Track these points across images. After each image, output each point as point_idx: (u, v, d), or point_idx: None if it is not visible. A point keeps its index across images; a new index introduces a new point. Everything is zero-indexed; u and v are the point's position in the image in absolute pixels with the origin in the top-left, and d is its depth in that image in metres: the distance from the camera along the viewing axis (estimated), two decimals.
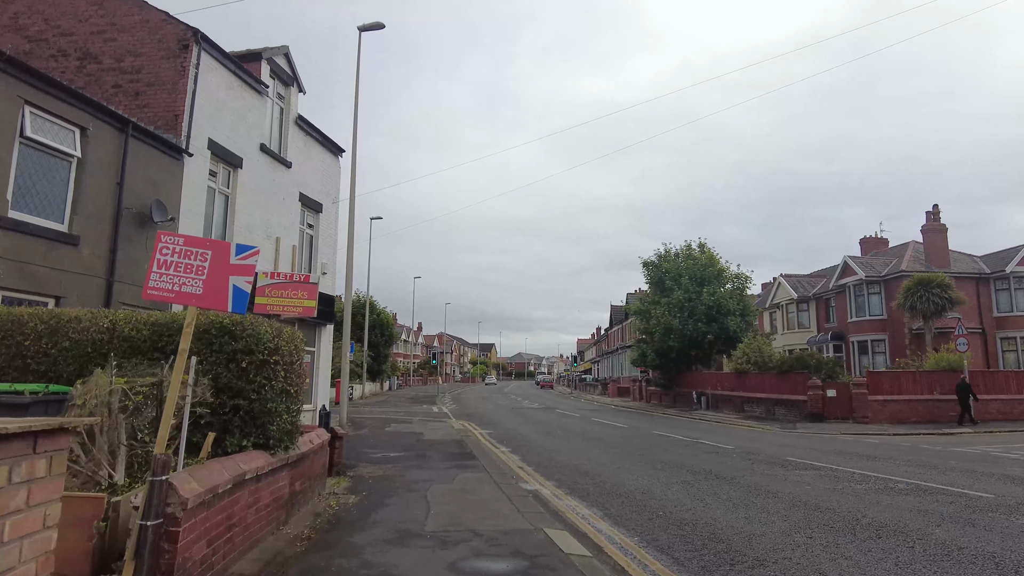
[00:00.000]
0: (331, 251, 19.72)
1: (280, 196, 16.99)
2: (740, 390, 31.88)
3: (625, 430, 21.14)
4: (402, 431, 19.85)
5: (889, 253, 39.60)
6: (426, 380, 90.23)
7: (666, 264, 39.54)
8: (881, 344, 35.40)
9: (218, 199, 14.80)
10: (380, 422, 23.17)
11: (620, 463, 12.79)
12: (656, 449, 15.27)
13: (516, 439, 17.94)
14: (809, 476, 10.91)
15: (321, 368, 18.80)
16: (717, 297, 36.37)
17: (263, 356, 6.35)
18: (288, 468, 7.03)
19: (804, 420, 25.73)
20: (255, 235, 15.85)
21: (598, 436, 18.87)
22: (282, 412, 6.62)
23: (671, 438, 18.21)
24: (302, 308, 15.69)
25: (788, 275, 45.03)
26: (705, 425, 24.64)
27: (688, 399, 36.98)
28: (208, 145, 14.09)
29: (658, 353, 37.98)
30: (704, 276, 38.04)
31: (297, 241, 17.83)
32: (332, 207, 19.88)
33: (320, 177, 19.24)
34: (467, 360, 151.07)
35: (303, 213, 18.50)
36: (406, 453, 14.17)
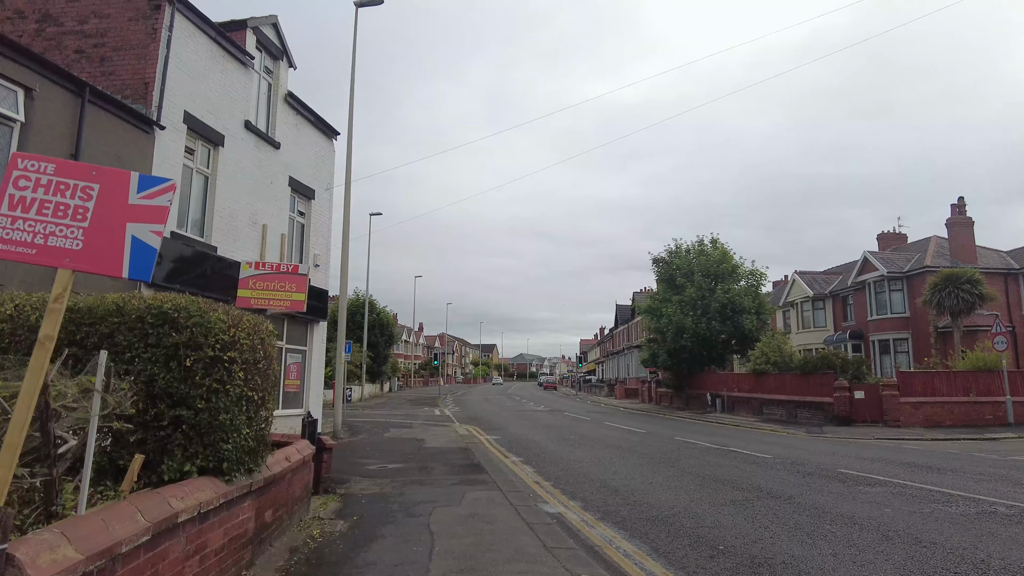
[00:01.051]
0: (324, 242, 18.15)
1: (267, 180, 15.44)
2: (758, 392, 30.29)
3: (643, 435, 19.56)
4: (402, 437, 18.28)
5: (910, 248, 37.98)
6: (427, 381, 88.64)
7: (677, 260, 37.95)
8: (904, 343, 33.78)
9: (196, 179, 13.24)
10: (379, 426, 21.62)
11: (651, 476, 11.21)
12: (686, 459, 13.69)
13: (527, 446, 16.36)
14: (880, 494, 9.32)
15: (313, 369, 17.23)
16: (732, 294, 34.77)
17: (214, 352, 4.79)
18: (253, 496, 5.46)
19: (830, 423, 24.15)
20: (239, 221, 14.30)
21: (616, 442, 17.29)
22: (241, 425, 5.06)
23: (698, 445, 16.61)
24: (290, 302, 14.11)
25: (803, 272, 43.40)
26: (726, 430, 23.05)
27: (701, 401, 35.39)
28: (184, 119, 12.54)
29: (670, 353, 36.36)
30: (718, 273, 36.44)
31: (287, 230, 16.27)
32: (326, 194, 18.31)
33: (312, 161, 17.68)
34: (469, 361, 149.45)
35: (293, 199, 16.94)
36: (406, 464, 12.59)
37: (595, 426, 23.36)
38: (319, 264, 17.62)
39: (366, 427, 21.22)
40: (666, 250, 39.13)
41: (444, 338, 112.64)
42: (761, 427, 24.10)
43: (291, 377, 16.39)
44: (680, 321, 34.87)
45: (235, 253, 14.00)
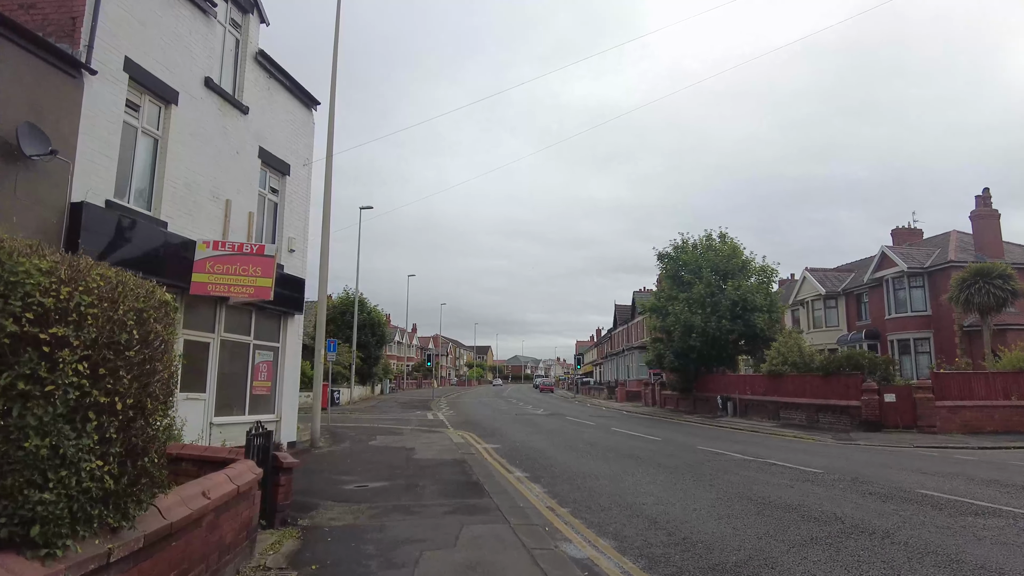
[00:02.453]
0: (301, 224, 16.02)
1: (232, 148, 13.31)
2: (774, 394, 28.28)
3: (660, 443, 17.49)
4: (390, 446, 16.16)
5: (928, 244, 36.09)
6: (421, 383, 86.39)
7: (684, 256, 35.93)
8: (925, 343, 31.87)
9: (143, 142, 11.10)
10: (365, 433, 19.48)
11: (691, 499, 9.14)
12: (723, 474, 11.63)
13: (531, 457, 14.27)
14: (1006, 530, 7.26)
15: (287, 369, 15.09)
16: (743, 291, 32.77)
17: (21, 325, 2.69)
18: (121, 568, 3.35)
19: (857, 429, 22.16)
20: (197, 195, 12.17)
21: (632, 452, 15.21)
22: (81, 456, 2.95)
23: (727, 456, 14.55)
24: (254, 288, 11.97)
25: (813, 269, 41.48)
26: (746, 436, 21.01)
27: (710, 404, 33.36)
28: (125, 66, 10.41)
29: (677, 354, 34.31)
30: (727, 269, 34.44)
31: (256, 208, 14.14)
32: (303, 170, 16.18)
33: (287, 131, 15.56)
34: (463, 363, 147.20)
35: (265, 174, 14.81)
36: (391, 482, 10.48)
37: (603, 432, 21.27)
38: (294, 249, 15.49)
39: (350, 434, 19.09)
40: (672, 245, 37.11)
41: (438, 339, 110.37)
42: (782, 433, 22.07)
43: (260, 378, 14.26)
44: (688, 320, 32.84)
45: (191, 231, 11.87)
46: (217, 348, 12.78)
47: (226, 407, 13.14)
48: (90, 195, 9.50)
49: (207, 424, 12.41)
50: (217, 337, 12.80)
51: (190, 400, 11.97)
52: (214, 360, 12.69)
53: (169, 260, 11.18)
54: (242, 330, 13.74)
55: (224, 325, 13.01)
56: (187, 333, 11.93)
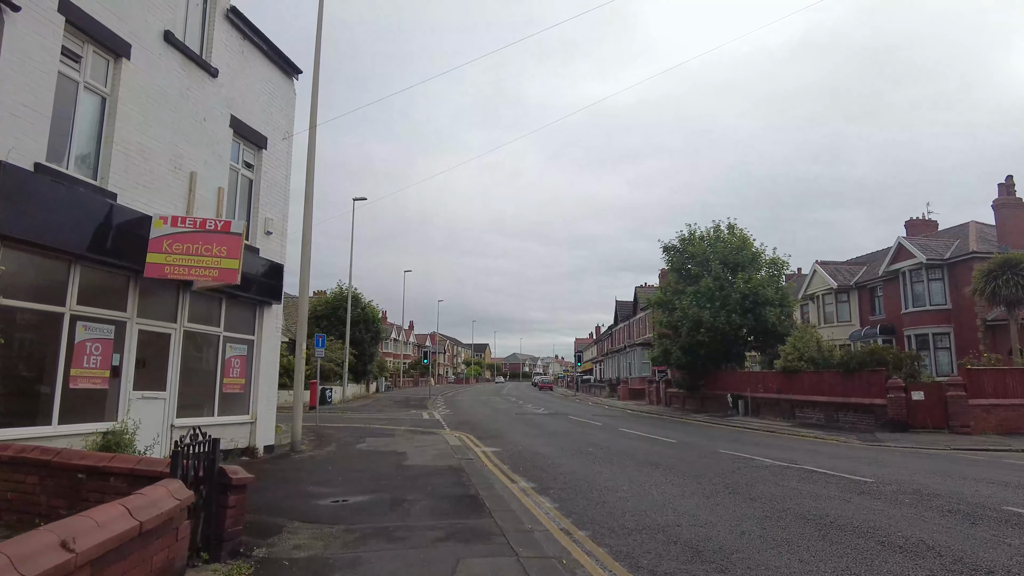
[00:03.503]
0: (280, 204, 14.44)
1: (198, 114, 11.73)
2: (789, 392, 26.76)
3: (678, 447, 15.96)
4: (379, 450, 14.61)
5: (945, 235, 34.55)
6: (417, 381, 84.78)
7: (691, 248, 34.40)
8: (944, 338, 30.39)
9: (87, 99, 9.54)
10: (354, 434, 17.93)
11: (734, 519, 7.61)
12: (760, 484, 10.11)
13: (536, 464, 12.75)
14: None
15: (264, 365, 13.53)
16: (753, 284, 31.25)
17: None
18: None
19: (882, 429, 20.66)
20: (154, 164, 10.59)
21: (649, 457, 13.68)
22: None
23: (757, 462, 13.02)
24: (218, 271, 10.32)
25: (824, 262, 39.98)
26: (764, 437, 19.50)
27: (719, 403, 31.86)
28: (60, 7, 8.83)
29: (684, 350, 32.76)
30: (737, 261, 32.94)
31: (227, 183, 12.57)
32: (282, 145, 14.60)
33: (264, 100, 13.98)
34: (460, 360, 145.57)
35: (238, 147, 13.24)
36: (375, 495, 8.94)
37: (611, 434, 19.74)
38: (272, 231, 13.92)
39: (338, 435, 17.53)
40: (678, 237, 35.59)
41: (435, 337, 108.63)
42: (801, 433, 20.56)
43: (232, 374, 12.70)
44: (696, 314, 31.33)
45: (147, 205, 10.30)
46: (180, 340, 11.22)
47: (191, 407, 11.58)
48: (12, 155, 7.93)
49: (167, 427, 10.85)
50: (180, 328, 11.24)
51: (146, 399, 10.42)
52: (176, 354, 11.13)
53: (119, 238, 9.61)
54: (210, 320, 12.17)
55: (188, 314, 11.44)
56: (143, 323, 10.37)
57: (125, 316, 10.02)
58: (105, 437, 9.33)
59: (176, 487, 4.63)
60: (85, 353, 9.29)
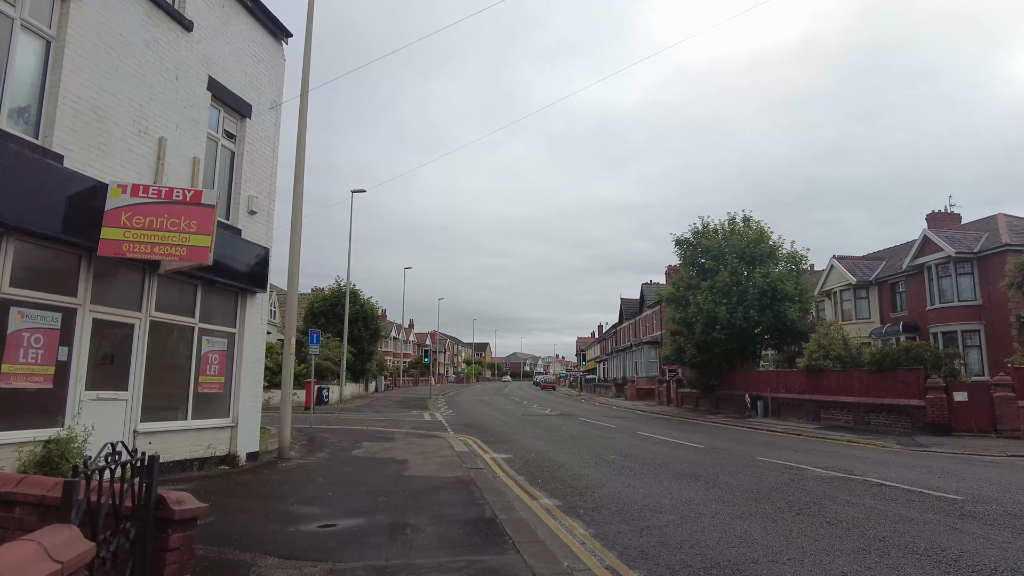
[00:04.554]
0: (266, 181, 12.86)
1: (168, 72, 10.15)
2: (813, 393, 25.20)
3: (709, 453, 14.40)
4: (376, 457, 13.04)
5: (971, 228, 32.94)
6: (417, 381, 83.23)
7: (705, 241, 32.80)
8: (974, 335, 28.78)
9: (25, 42, 7.97)
10: (350, 438, 16.36)
11: (829, 557, 6.00)
12: (830, 503, 8.54)
13: (556, 475, 11.18)
14: None
15: (247, 361, 11.95)
16: (772, 279, 29.68)
17: None
18: None
19: (921, 432, 19.10)
20: (112, 123, 9.00)
21: (682, 466, 12.11)
22: None
23: (809, 472, 11.45)
24: (186, 249, 8.70)
25: (842, 257, 38.37)
26: (798, 442, 17.93)
27: (736, 404, 30.29)
28: None
29: (699, 348, 31.20)
30: (754, 254, 31.38)
31: (203, 153, 10.98)
32: (269, 115, 13.02)
33: (248, 64, 12.40)
34: (461, 360, 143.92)
35: (217, 114, 11.66)
36: (369, 518, 7.36)
37: (630, 438, 18.16)
38: (256, 211, 12.34)
39: (332, 439, 15.96)
40: (691, 230, 33.98)
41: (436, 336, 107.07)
42: (833, 437, 18.97)
43: (210, 371, 11.11)
44: (712, 310, 29.74)
45: (102, 171, 8.72)
46: (145, 332, 9.64)
47: (159, 409, 10.00)
48: None
49: (129, 432, 9.27)
50: (145, 317, 9.66)
51: (102, 401, 8.84)
52: (140, 348, 9.55)
53: (66, 208, 8.04)
54: (183, 310, 10.59)
55: (156, 302, 9.86)
56: (98, 311, 8.79)
57: (75, 302, 8.44)
58: (47, 447, 7.76)
59: (62, 539, 3.05)
60: (22, 345, 7.71)
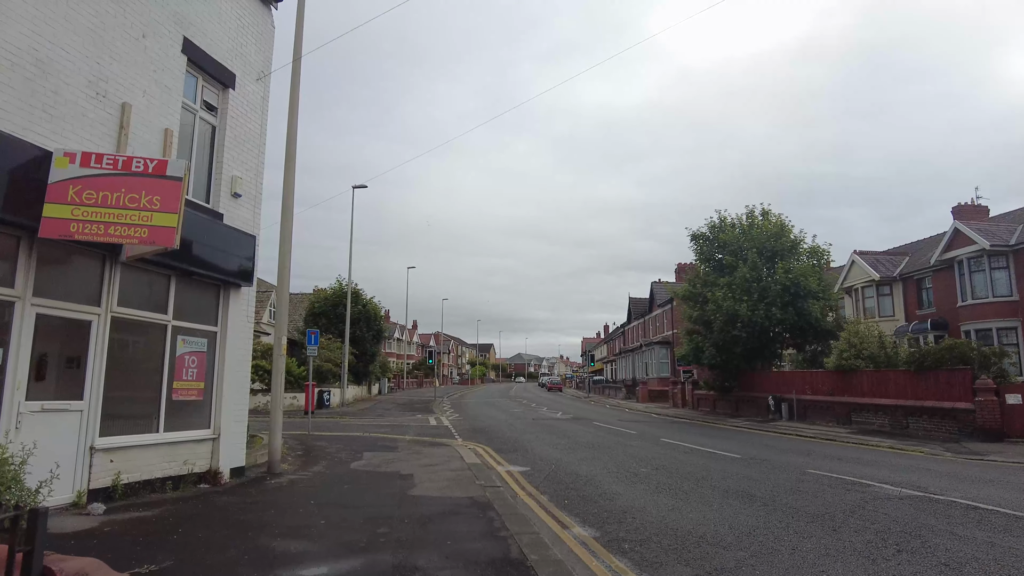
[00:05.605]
0: (253, 160, 11.41)
1: (133, 28, 8.72)
2: (843, 394, 23.69)
3: (749, 464, 12.92)
4: (378, 470, 11.59)
5: (1003, 220, 31.38)
6: (421, 382, 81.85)
7: (722, 235, 31.31)
8: (1011, 333, 27.20)
9: None
10: (349, 447, 14.92)
11: None
12: (931, 535, 7.06)
13: (582, 492, 9.74)
14: None
15: (230, 364, 10.50)
16: (795, 274, 28.18)
17: None
18: None
19: (971, 438, 17.60)
20: (60, 81, 7.57)
21: (728, 483, 10.63)
22: None
23: (878, 490, 9.95)
24: (147, 230, 7.13)
25: (863, 252, 36.81)
26: (836, 449, 16.44)
27: (757, 406, 28.80)
28: None
29: (718, 347, 29.71)
30: (775, 249, 29.87)
31: (178, 125, 9.54)
32: (256, 87, 11.58)
33: (232, 28, 10.97)
34: (465, 361, 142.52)
35: (195, 82, 10.22)
36: (365, 560, 5.89)
37: (655, 445, 16.68)
38: (240, 193, 10.89)
39: (331, 449, 14.52)
40: (707, 224, 32.50)
41: (440, 337, 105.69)
42: (870, 443, 17.46)
43: (186, 376, 9.66)
44: (731, 307, 28.23)
45: (49, 137, 7.28)
46: (105, 330, 8.21)
47: (123, 421, 8.57)
48: None
49: (84, 450, 7.84)
50: (105, 313, 8.22)
51: (48, 413, 7.40)
52: (100, 349, 8.12)
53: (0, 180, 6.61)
54: (153, 305, 9.15)
55: (118, 295, 8.43)
56: (43, 304, 7.36)
57: (12, 294, 7.01)
58: None
59: None
60: None
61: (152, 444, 8.96)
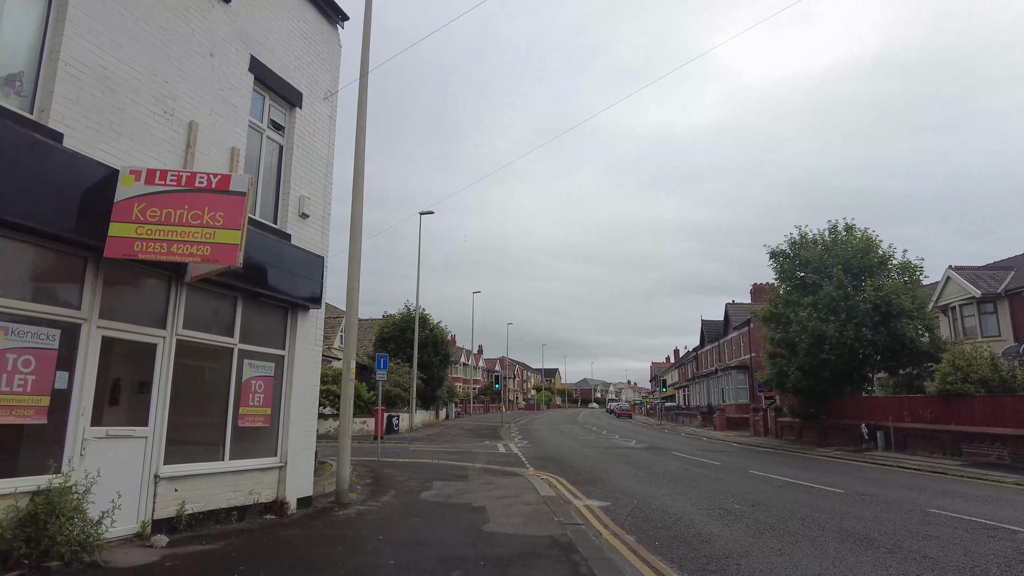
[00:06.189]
0: (320, 181, 11.16)
1: (201, 46, 8.59)
2: (949, 422, 21.56)
3: (858, 501, 11.56)
4: (449, 502, 10.93)
5: None
6: (488, 407, 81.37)
7: (804, 252, 29.57)
8: None
9: None
10: (419, 476, 14.36)
11: None
12: None
13: (675, 532, 8.77)
14: None
15: (298, 389, 10.13)
16: (885, 292, 26.17)
17: None
18: None
19: None
20: (126, 98, 7.40)
21: (842, 524, 9.41)
22: None
23: None
24: (209, 248, 6.69)
25: (960, 268, 34.02)
26: (953, 484, 14.72)
27: (848, 434, 26.69)
28: None
29: (804, 371, 27.84)
30: (862, 265, 27.95)
31: (244, 144, 9.35)
32: (323, 106, 11.39)
33: (298, 47, 10.82)
34: (531, 386, 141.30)
35: (262, 101, 10.07)
36: None
37: (744, 478, 15.38)
38: (308, 214, 10.62)
39: (400, 477, 14.00)
40: (787, 241, 30.83)
41: (505, 361, 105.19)
42: (992, 478, 15.56)
43: (252, 402, 9.32)
44: (817, 328, 26.45)
45: (114, 155, 7.10)
46: (171, 354, 7.92)
47: (188, 448, 8.24)
48: None
49: (149, 478, 7.50)
50: (170, 336, 7.95)
51: (113, 439, 7.10)
52: (164, 373, 7.83)
53: (66, 198, 6.41)
54: (219, 328, 8.87)
55: (184, 318, 8.16)
56: (109, 327, 7.11)
57: (78, 316, 6.78)
58: (33, 500, 6.03)
59: None
60: (4, 370, 6.05)
61: (217, 472, 8.59)
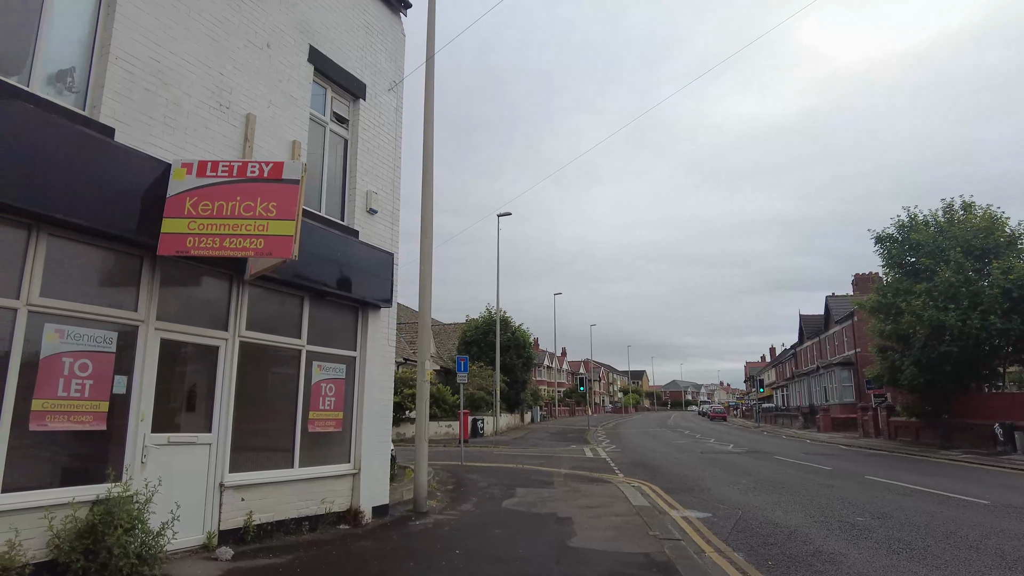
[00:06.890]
0: (387, 175, 10.70)
1: (257, 37, 8.27)
2: None
3: (1005, 514, 9.94)
4: (532, 512, 10.16)
5: None
6: (573, 411, 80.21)
7: (915, 235, 26.89)
8: None
9: None
10: (501, 481, 13.69)
11: None
12: None
13: (788, 550, 7.69)
14: None
15: (370, 391, 9.66)
16: (1018, 275, 23.29)
17: None
18: None
19: None
20: (180, 91, 7.11)
21: (996, 543, 7.98)
22: None
23: None
24: (263, 241, 6.01)
25: None
26: None
27: (976, 435, 23.93)
28: None
29: (920, 365, 25.24)
30: (985, 247, 25.09)
31: (306, 138, 8.98)
32: (388, 98, 10.93)
33: (359, 37, 10.41)
34: (616, 388, 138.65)
35: (323, 93, 9.70)
36: None
37: (860, 485, 13.78)
38: (376, 209, 10.16)
39: (482, 483, 13.38)
40: (894, 224, 28.19)
41: (589, 364, 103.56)
42: None
43: (323, 406, 8.90)
44: (934, 317, 23.88)
45: (168, 150, 6.80)
46: (233, 356, 7.58)
47: (255, 455, 7.87)
48: None
49: (214, 486, 7.16)
50: (233, 337, 7.61)
51: (175, 446, 6.78)
52: (228, 376, 7.49)
53: (120, 195, 6.13)
54: (285, 329, 8.50)
55: (247, 318, 7.81)
56: (168, 329, 6.81)
57: (135, 318, 6.49)
58: (92, 510, 5.74)
59: None
60: (61, 374, 5.79)
61: (286, 481, 8.19)
